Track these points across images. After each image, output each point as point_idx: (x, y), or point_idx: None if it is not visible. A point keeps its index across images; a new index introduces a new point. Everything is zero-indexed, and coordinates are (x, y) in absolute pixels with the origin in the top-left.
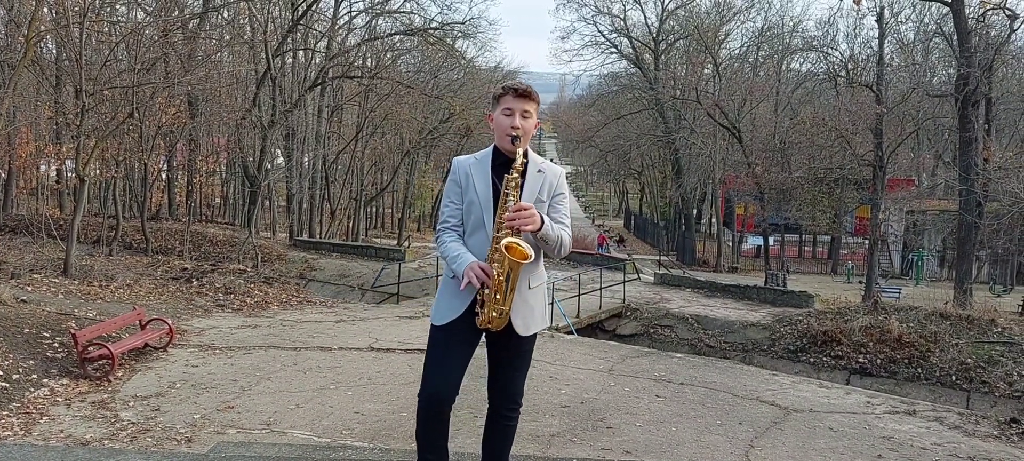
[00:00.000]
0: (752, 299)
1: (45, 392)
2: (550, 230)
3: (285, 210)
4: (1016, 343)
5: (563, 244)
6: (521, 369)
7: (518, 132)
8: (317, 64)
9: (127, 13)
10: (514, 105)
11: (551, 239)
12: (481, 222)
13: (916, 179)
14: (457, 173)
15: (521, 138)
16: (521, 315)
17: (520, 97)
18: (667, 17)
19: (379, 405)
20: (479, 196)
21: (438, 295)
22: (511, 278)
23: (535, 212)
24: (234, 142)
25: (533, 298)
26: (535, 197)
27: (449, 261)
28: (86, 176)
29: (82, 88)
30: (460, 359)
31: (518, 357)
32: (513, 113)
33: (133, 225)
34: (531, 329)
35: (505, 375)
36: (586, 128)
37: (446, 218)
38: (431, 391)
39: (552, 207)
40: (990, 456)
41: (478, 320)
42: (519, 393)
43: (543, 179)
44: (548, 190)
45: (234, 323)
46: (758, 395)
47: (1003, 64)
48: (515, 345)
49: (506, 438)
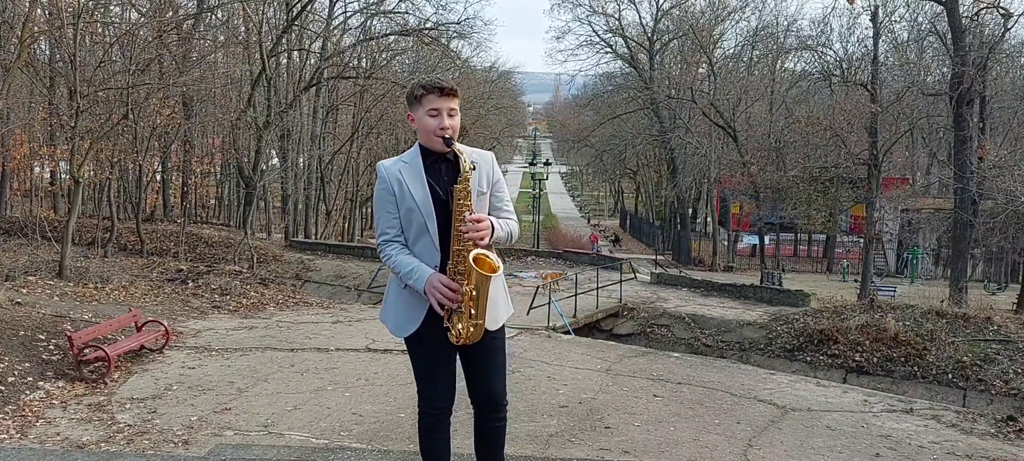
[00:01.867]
0: (748, 298)
1: (41, 395)
2: (500, 231)
3: (280, 211)
4: (1012, 341)
5: (512, 235)
6: (498, 367)
7: (449, 133)
8: (312, 65)
9: (121, 14)
10: (440, 104)
11: (501, 240)
12: (424, 229)
13: (910, 178)
14: (387, 181)
15: (453, 139)
16: (488, 313)
17: (445, 95)
18: (662, 17)
19: (377, 406)
20: (418, 203)
21: (390, 306)
22: (481, 291)
23: (487, 222)
24: (229, 143)
25: (494, 290)
26: (476, 192)
27: (403, 276)
28: (81, 178)
29: (76, 89)
30: (446, 365)
31: (492, 354)
32: (440, 113)
33: (128, 227)
34: (499, 322)
35: (482, 378)
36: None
37: (385, 230)
38: (429, 404)
39: (494, 196)
40: (987, 454)
41: (451, 337)
42: (501, 393)
43: (478, 173)
44: (487, 180)
45: (230, 325)
46: (755, 394)
47: (997, 63)
48: (486, 344)
49: (497, 441)
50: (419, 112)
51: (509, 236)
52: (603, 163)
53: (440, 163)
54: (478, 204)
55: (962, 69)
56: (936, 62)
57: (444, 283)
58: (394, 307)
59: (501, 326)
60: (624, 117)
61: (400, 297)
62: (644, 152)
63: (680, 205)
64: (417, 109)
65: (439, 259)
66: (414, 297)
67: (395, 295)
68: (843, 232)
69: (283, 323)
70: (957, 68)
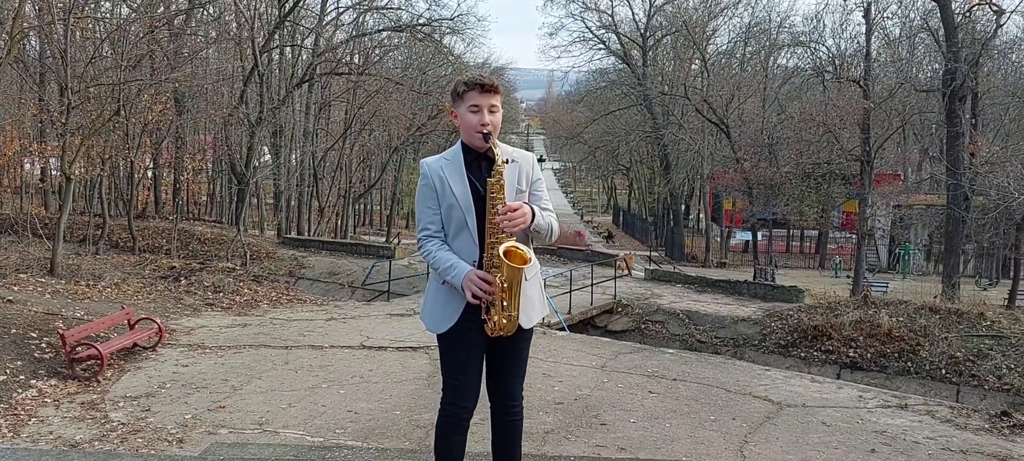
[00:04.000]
0: (742, 294)
1: (33, 393)
2: (541, 220)
3: (273, 208)
4: (1005, 337)
5: (553, 230)
6: (522, 364)
7: (488, 129)
8: (304, 61)
9: (112, 9)
10: (481, 101)
11: (542, 229)
12: (463, 224)
13: (902, 174)
14: (429, 177)
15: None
16: (523, 310)
17: (486, 92)
18: (655, 13)
19: (372, 404)
20: (458, 199)
21: (429, 301)
22: (514, 282)
23: (525, 209)
24: (221, 139)
25: (530, 289)
26: (515, 189)
27: (442, 271)
28: (72, 174)
29: (67, 85)
30: (476, 364)
31: (518, 352)
32: (480, 109)
33: (120, 224)
34: (533, 321)
35: (506, 372)
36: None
37: (426, 225)
38: (454, 403)
39: (532, 195)
40: (982, 449)
41: (487, 328)
42: (518, 389)
43: (517, 169)
44: (525, 179)
45: (224, 322)
46: (750, 390)
47: (989, 59)
48: (515, 341)
49: (515, 437)
50: (461, 108)
51: (550, 229)
52: (596, 159)
53: (481, 160)
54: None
55: (955, 65)
56: (928, 58)
57: (480, 276)
58: (432, 303)
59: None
60: (617, 113)
61: (438, 293)
62: (637, 148)
63: (673, 201)
64: (459, 105)
65: (478, 254)
66: (452, 293)
67: (434, 291)
68: (835, 228)
69: (277, 320)
70: (950, 64)
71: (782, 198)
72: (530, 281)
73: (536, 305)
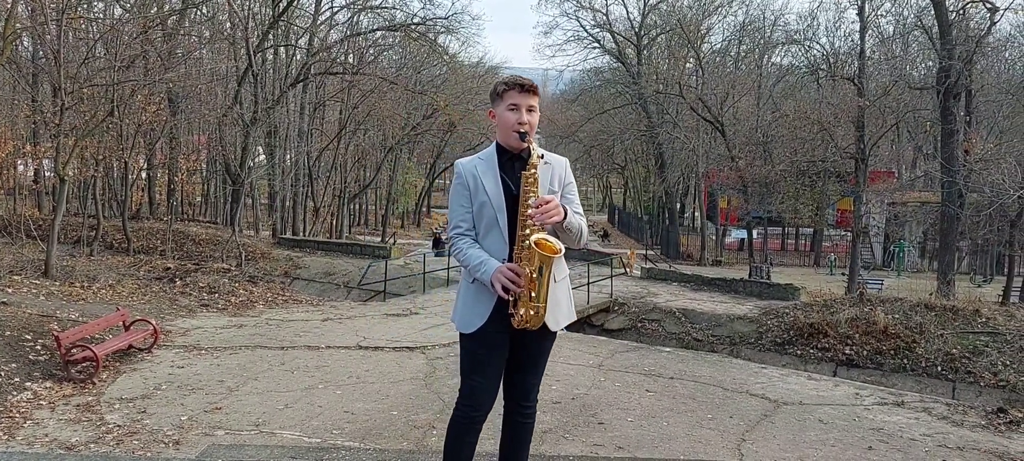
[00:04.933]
0: (738, 292)
1: (28, 396)
2: (573, 220)
3: (268, 208)
4: (1000, 333)
5: (582, 233)
6: (541, 366)
7: (525, 128)
8: (299, 60)
9: (105, 10)
10: (519, 100)
11: (573, 229)
12: (494, 222)
13: (896, 171)
14: (463, 176)
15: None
16: (551, 311)
17: (525, 92)
18: (649, 11)
19: (369, 404)
20: (491, 197)
21: (460, 302)
22: (544, 273)
23: (559, 204)
24: (215, 140)
25: (559, 292)
26: (547, 189)
27: (471, 269)
28: (65, 176)
29: (60, 86)
30: (498, 367)
31: (540, 354)
32: (519, 108)
33: (114, 225)
34: (561, 324)
35: (524, 373)
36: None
37: (458, 223)
38: (470, 403)
39: (564, 197)
40: (979, 446)
41: (514, 321)
42: (534, 389)
43: (551, 171)
44: (558, 181)
45: (219, 323)
46: (747, 388)
47: (983, 56)
48: (539, 342)
49: (525, 438)
50: (500, 107)
51: (580, 231)
52: (591, 158)
53: (515, 161)
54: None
55: (949, 63)
56: (921, 56)
57: (510, 267)
58: (463, 302)
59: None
60: (612, 112)
61: (468, 292)
62: (632, 147)
63: (668, 200)
64: (498, 105)
65: (508, 252)
66: (481, 292)
67: (464, 290)
68: (830, 226)
69: (273, 321)
70: (944, 62)
71: (777, 196)
72: (559, 283)
73: (564, 309)
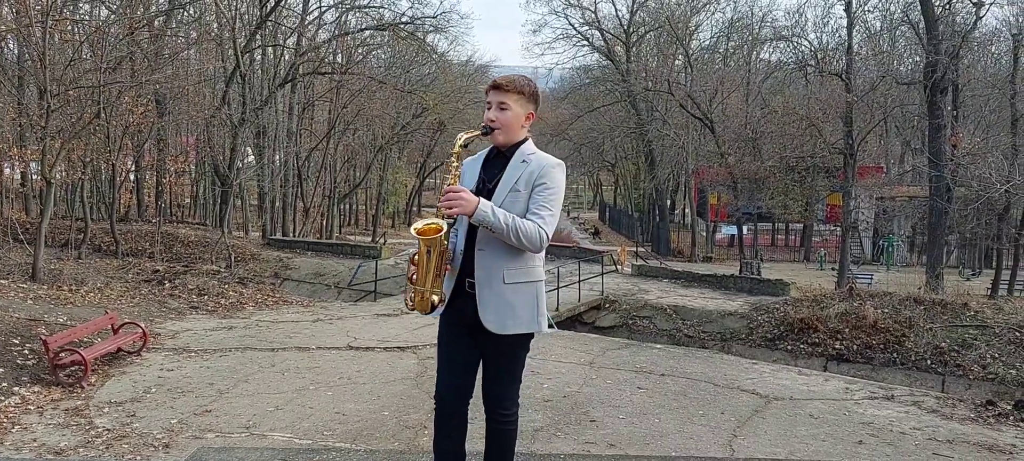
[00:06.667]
0: (729, 288)
1: (16, 400)
2: (490, 216)
3: (257, 209)
4: (989, 326)
5: (522, 234)
6: (504, 372)
7: (491, 124)
8: (287, 61)
9: (91, 11)
10: (491, 98)
11: (492, 225)
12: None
13: (885, 166)
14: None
15: (497, 130)
16: (494, 310)
17: (495, 89)
18: (637, 9)
19: (360, 405)
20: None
21: None
22: (430, 259)
23: (466, 195)
24: (203, 141)
25: (512, 294)
26: (510, 187)
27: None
28: (52, 178)
29: (46, 88)
30: (463, 354)
31: (500, 358)
32: (490, 106)
33: (102, 227)
34: (507, 328)
35: (491, 380)
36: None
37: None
38: (438, 391)
39: (531, 198)
40: (968, 438)
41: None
42: (504, 397)
43: (525, 169)
44: (527, 180)
45: (209, 325)
46: (738, 384)
47: (969, 51)
48: (494, 345)
49: (499, 444)
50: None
51: (509, 230)
52: (581, 156)
53: (500, 159)
54: (509, 199)
55: (935, 58)
56: (908, 51)
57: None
58: None
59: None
60: (602, 110)
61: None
62: (622, 145)
63: (658, 197)
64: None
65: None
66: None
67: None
68: (820, 221)
69: (263, 322)
70: (930, 57)
71: (766, 192)
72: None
73: (518, 315)
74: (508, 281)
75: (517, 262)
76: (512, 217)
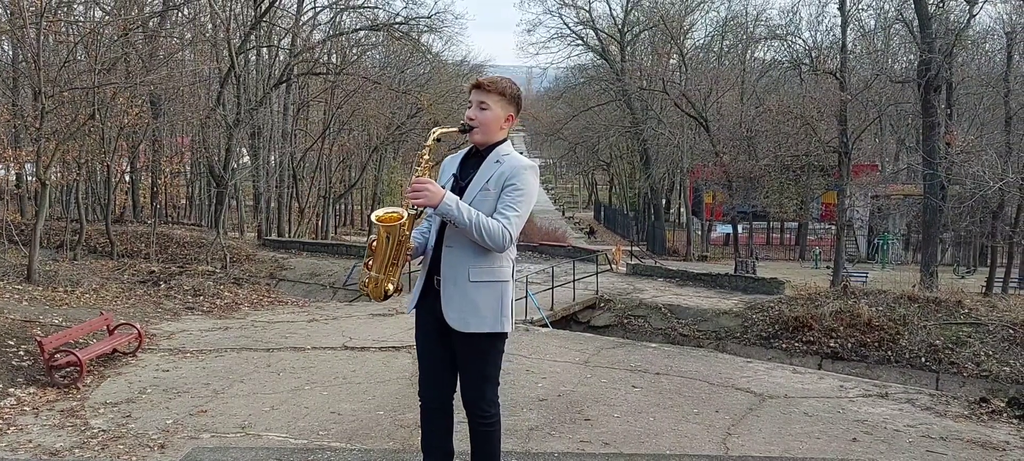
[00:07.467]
0: (723, 287)
1: (11, 402)
2: (453, 209)
3: (253, 209)
4: (983, 324)
5: (485, 231)
6: (474, 372)
7: (469, 123)
8: (282, 61)
9: (85, 13)
10: (472, 97)
11: (456, 219)
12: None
13: (879, 164)
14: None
15: (476, 129)
16: (457, 308)
17: (475, 88)
18: (632, 8)
19: (355, 404)
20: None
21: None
22: (389, 245)
23: (431, 187)
24: (198, 142)
25: (475, 293)
26: (481, 186)
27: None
28: (47, 180)
29: (41, 90)
30: (435, 357)
31: (470, 358)
32: (472, 105)
33: (97, 228)
34: (469, 326)
35: (463, 378)
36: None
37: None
38: (420, 389)
39: (500, 199)
40: (962, 436)
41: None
42: (480, 398)
43: (497, 169)
44: (497, 180)
45: (204, 325)
46: (733, 382)
47: (963, 49)
48: (463, 344)
49: (481, 446)
50: None
51: (472, 225)
52: (576, 155)
53: (476, 158)
54: (479, 198)
55: (929, 56)
56: (902, 49)
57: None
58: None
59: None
60: (596, 109)
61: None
62: (617, 144)
63: (654, 196)
64: None
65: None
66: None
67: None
68: (814, 219)
69: (258, 323)
70: (924, 55)
71: (761, 191)
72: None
73: (481, 314)
74: (473, 279)
75: (483, 261)
76: (477, 214)
